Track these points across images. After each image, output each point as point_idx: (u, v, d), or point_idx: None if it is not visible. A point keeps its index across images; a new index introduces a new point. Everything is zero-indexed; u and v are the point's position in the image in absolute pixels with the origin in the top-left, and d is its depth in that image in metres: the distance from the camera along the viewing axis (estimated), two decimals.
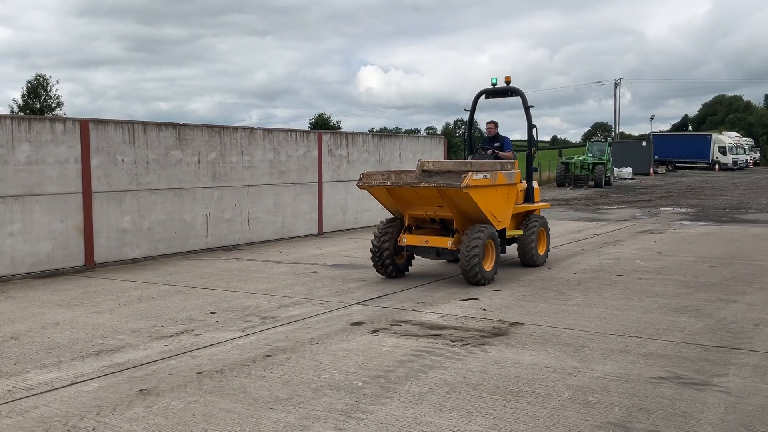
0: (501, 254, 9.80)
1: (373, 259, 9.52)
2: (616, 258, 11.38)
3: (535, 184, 11.05)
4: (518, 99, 11.06)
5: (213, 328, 6.96)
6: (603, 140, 38.49)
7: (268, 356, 5.96)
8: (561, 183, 35.89)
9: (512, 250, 10.73)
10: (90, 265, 11.04)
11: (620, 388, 5.00)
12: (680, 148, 56.50)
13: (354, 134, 17.28)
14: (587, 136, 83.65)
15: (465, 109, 11.58)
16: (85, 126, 11.04)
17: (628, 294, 8.41)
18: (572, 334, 6.53)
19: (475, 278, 8.81)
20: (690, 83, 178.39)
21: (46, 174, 10.49)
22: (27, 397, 4.99)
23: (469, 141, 11.86)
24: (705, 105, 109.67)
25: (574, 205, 23.94)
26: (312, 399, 4.86)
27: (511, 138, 11.64)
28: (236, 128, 13.90)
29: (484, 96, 11.38)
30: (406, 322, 7.13)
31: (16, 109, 53.43)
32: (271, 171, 14.45)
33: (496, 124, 11.18)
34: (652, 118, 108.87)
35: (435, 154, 19.91)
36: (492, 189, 9.09)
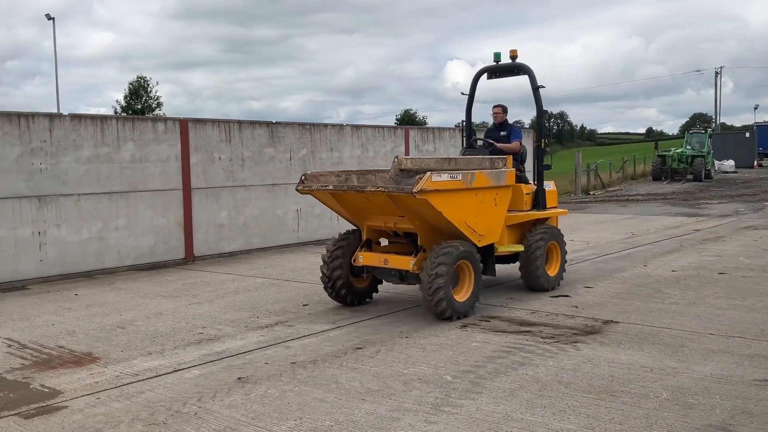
0: (491, 276, 7.89)
1: (323, 280, 7.61)
2: (717, 255, 10.86)
3: (550, 186, 8.84)
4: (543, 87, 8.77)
5: (305, 320, 7.15)
6: (702, 132, 36.70)
7: (358, 348, 6.07)
8: (657, 177, 34.51)
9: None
10: (190, 259, 11.56)
11: (722, 390, 4.79)
12: None
13: (440, 129, 17.25)
14: (685, 128, 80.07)
15: (462, 93, 9.63)
16: (184, 125, 11.55)
17: (731, 292, 8.02)
18: (670, 334, 6.30)
19: (441, 312, 6.78)
20: None
21: (149, 171, 11.05)
22: (133, 382, 5.29)
23: (467, 131, 9.51)
24: None
25: (671, 200, 22.99)
26: (402, 391, 4.91)
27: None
28: (326, 125, 14.17)
29: (486, 76, 9.21)
30: (494, 317, 7.09)
31: (119, 109, 56.45)
32: (359, 167, 14.65)
33: (504, 109, 9.04)
34: (756, 108, 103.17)
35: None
36: (466, 194, 6.94)
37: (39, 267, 9.85)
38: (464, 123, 9.47)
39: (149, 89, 58.59)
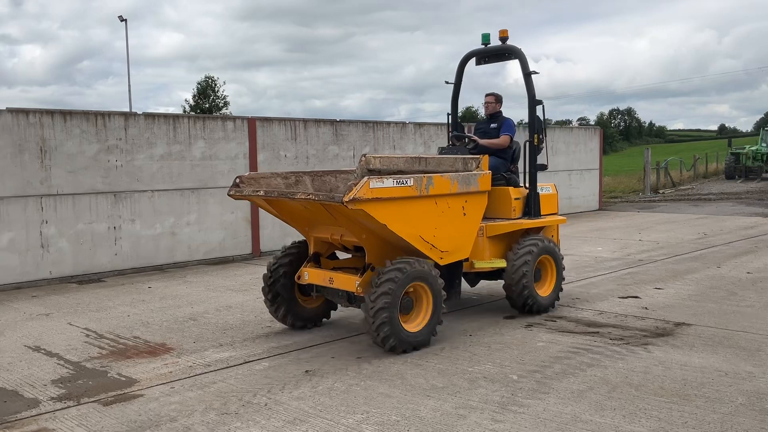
0: (456, 299, 6.74)
1: (265, 299, 6.67)
2: None
3: (548, 189, 7.62)
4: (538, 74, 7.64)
5: None
6: None
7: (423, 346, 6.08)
8: (731, 176, 33.22)
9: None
10: (256, 254, 11.82)
11: None
12: None
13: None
14: (760, 125, 76.70)
15: (447, 82, 8.32)
16: (252, 124, 11.81)
17: None
18: (746, 337, 6.08)
19: (385, 344, 5.68)
20: None
21: (218, 169, 11.34)
22: (206, 373, 5.46)
23: (454, 123, 8.32)
24: None
25: (745, 200, 22.11)
26: (467, 389, 4.91)
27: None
28: (388, 123, 14.23)
29: (475, 61, 8.04)
30: (561, 317, 6.99)
31: (187, 108, 58.03)
32: None
33: (497, 98, 7.88)
34: None
35: (590, 146, 19.22)
36: (421, 202, 5.78)
37: (114, 260, 10.25)
38: (449, 115, 8.31)
39: (216, 89, 60.03)
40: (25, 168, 9.38)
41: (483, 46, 7.80)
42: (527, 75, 7.39)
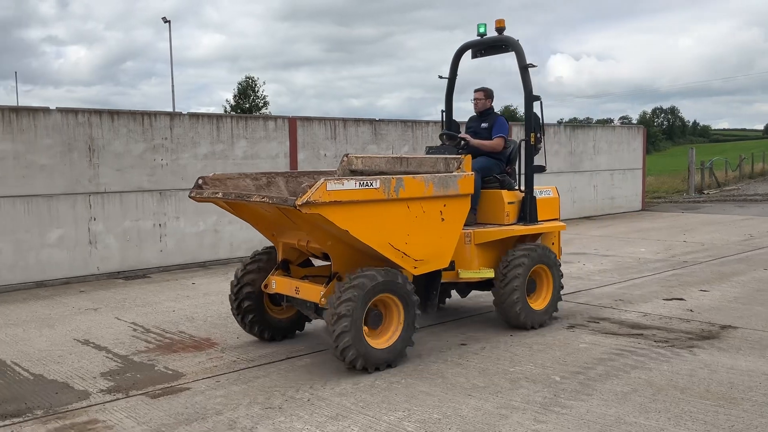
0: (431, 311, 6.12)
1: (231, 307, 6.27)
2: None
3: (549, 193, 7.10)
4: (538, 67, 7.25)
5: None
6: None
7: (462, 344, 6.09)
8: None
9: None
10: None
11: None
12: None
13: (545, 126, 16.89)
14: None
15: (440, 77, 7.79)
16: (293, 123, 11.94)
17: None
18: None
19: (348, 362, 5.21)
20: None
21: (260, 167, 11.49)
22: (249, 368, 5.55)
23: (448, 121, 7.81)
24: None
25: None
26: (509, 389, 4.90)
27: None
28: (427, 122, 14.23)
29: (471, 54, 7.51)
30: (604, 319, 6.91)
31: (228, 108, 58.83)
32: None
33: (486, 94, 7.27)
34: None
35: (633, 145, 18.93)
36: (391, 206, 5.25)
37: (159, 257, 10.47)
38: (443, 113, 7.80)
39: (256, 89, 60.72)
40: (74, 166, 9.65)
41: (479, 38, 7.28)
42: (524, 68, 6.85)
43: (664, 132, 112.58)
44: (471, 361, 5.59)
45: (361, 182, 5.06)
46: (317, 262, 6.36)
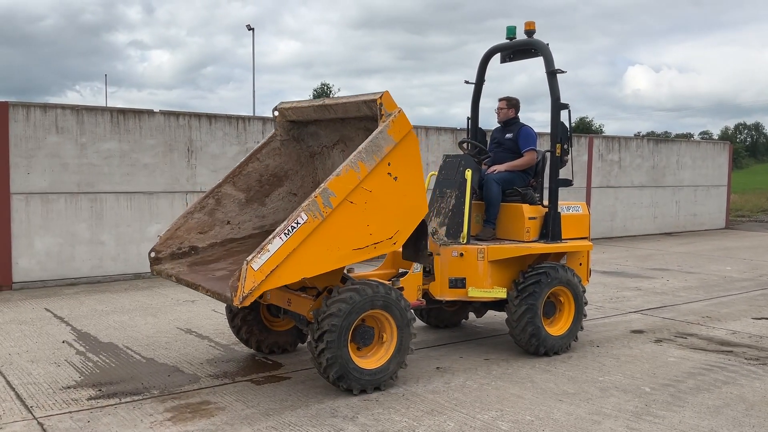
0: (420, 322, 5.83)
1: (227, 317, 6.07)
2: None
3: (579, 209, 6.60)
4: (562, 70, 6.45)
5: (492, 318, 7.37)
6: None
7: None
8: None
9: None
10: None
11: None
12: None
13: (627, 139, 16.70)
14: None
15: (466, 81, 7.33)
16: None
17: None
18: None
19: (335, 382, 4.90)
20: None
21: None
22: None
23: (474, 128, 7.36)
24: None
25: None
26: (599, 397, 4.99)
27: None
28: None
29: (500, 57, 7.13)
30: (691, 335, 6.88)
31: None
32: None
33: (510, 103, 6.83)
34: None
35: (718, 161, 18.44)
36: (333, 218, 4.72)
37: None
38: (469, 120, 7.35)
39: (331, 96, 61.86)
40: (174, 166, 10.22)
41: (507, 41, 6.90)
42: (551, 74, 6.37)
43: (747, 149, 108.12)
44: (559, 369, 5.69)
45: (287, 231, 4.46)
46: None
